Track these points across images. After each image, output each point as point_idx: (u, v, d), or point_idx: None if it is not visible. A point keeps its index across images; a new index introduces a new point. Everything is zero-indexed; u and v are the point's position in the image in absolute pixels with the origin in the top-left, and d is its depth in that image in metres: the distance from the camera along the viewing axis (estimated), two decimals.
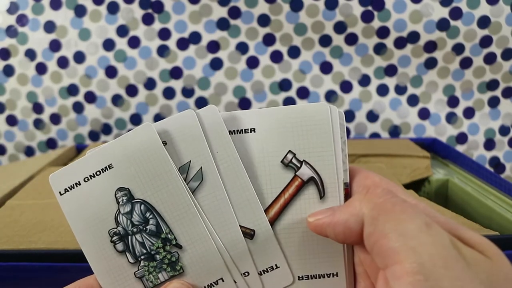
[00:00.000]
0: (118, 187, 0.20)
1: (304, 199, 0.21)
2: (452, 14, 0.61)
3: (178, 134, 0.21)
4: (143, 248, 0.21)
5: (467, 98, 0.65)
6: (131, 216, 0.20)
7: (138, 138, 0.21)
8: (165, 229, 0.20)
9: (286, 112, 0.21)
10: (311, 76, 0.64)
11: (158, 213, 0.20)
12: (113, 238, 0.20)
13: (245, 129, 0.21)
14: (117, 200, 0.20)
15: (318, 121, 0.21)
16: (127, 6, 0.62)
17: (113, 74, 0.63)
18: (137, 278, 0.21)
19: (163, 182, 0.20)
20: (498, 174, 0.50)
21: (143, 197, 0.20)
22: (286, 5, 0.61)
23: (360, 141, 0.57)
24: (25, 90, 0.64)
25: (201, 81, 0.64)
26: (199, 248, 0.20)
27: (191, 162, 0.21)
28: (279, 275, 0.21)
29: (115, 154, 0.21)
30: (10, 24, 0.62)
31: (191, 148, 0.21)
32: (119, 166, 0.20)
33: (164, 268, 0.21)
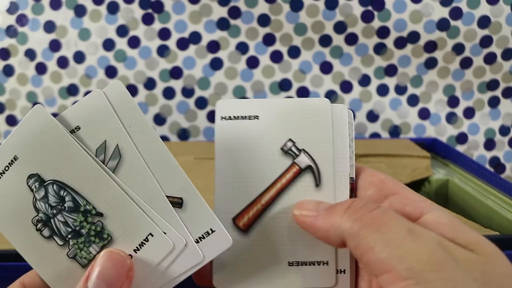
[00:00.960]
0: (28, 175, 0.20)
1: (300, 186, 0.22)
2: (452, 14, 0.61)
3: (89, 117, 0.21)
4: (67, 227, 0.20)
5: (467, 98, 0.65)
6: (47, 200, 0.20)
7: (33, 122, 0.21)
8: (82, 201, 0.20)
9: (289, 103, 0.22)
10: (311, 76, 0.64)
11: (71, 188, 0.20)
12: (38, 226, 0.20)
13: (249, 116, 0.22)
14: (30, 188, 0.20)
15: (319, 115, 0.22)
16: (127, 6, 0.62)
17: (113, 74, 0.63)
18: (71, 258, 0.20)
19: (67, 157, 0.20)
20: (498, 174, 0.50)
21: (53, 177, 0.20)
22: (286, 5, 0.61)
23: (360, 141, 0.57)
24: (25, 90, 0.64)
25: (201, 81, 0.64)
26: (120, 210, 0.20)
27: (107, 141, 0.20)
28: (217, 239, 0.20)
29: (15, 145, 0.21)
30: (10, 24, 0.62)
31: (105, 128, 0.20)
32: (23, 155, 0.20)
33: (93, 241, 0.20)
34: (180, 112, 0.65)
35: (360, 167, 0.23)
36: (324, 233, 0.19)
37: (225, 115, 0.23)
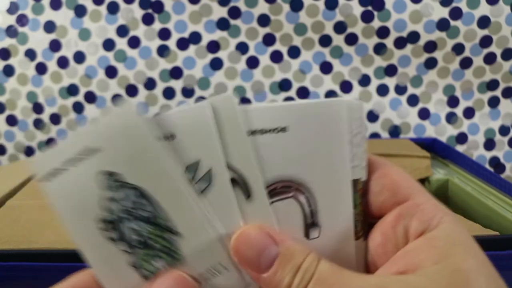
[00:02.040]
0: (108, 171, 0.19)
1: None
2: (452, 14, 0.61)
3: (189, 128, 0.18)
4: (137, 236, 0.19)
5: (467, 98, 0.65)
6: (123, 202, 0.19)
7: (123, 119, 0.18)
8: (162, 215, 0.19)
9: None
10: (311, 76, 0.64)
11: (152, 199, 0.19)
12: (105, 225, 0.19)
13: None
14: (107, 186, 0.19)
15: (226, 120, 0.19)
16: (127, 6, 0.62)
17: (113, 74, 0.63)
18: (132, 267, 0.19)
19: (156, 167, 0.18)
20: (498, 174, 0.50)
21: (136, 182, 0.19)
22: (286, 5, 0.61)
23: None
24: (25, 90, 0.64)
25: (201, 81, 0.64)
26: (198, 235, 0.19)
27: (200, 161, 0.19)
28: None
29: (102, 136, 0.18)
30: (10, 24, 0.62)
31: (202, 146, 0.18)
32: (108, 151, 0.18)
33: (161, 256, 0.19)
34: None
35: (375, 163, 0.21)
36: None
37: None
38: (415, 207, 0.19)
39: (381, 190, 0.20)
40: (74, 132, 0.19)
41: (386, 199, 0.20)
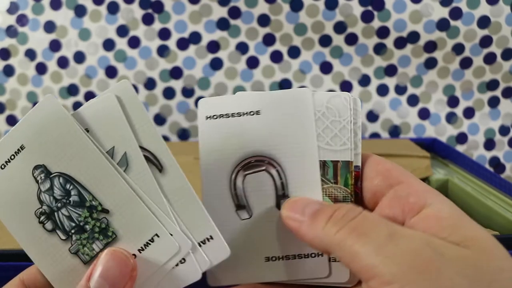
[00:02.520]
0: (34, 165, 0.20)
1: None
2: (452, 14, 0.61)
3: (99, 120, 0.20)
4: (71, 222, 0.20)
5: (467, 98, 0.65)
6: (52, 192, 0.20)
7: (43, 112, 0.20)
8: (88, 196, 0.20)
9: None
10: (311, 76, 0.64)
11: (78, 182, 0.20)
12: (41, 218, 0.20)
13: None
14: (35, 179, 0.20)
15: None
16: (127, 6, 0.62)
17: (113, 74, 0.63)
18: (73, 254, 0.20)
19: (75, 150, 0.20)
20: (498, 174, 0.50)
21: (60, 170, 0.20)
22: (286, 5, 0.61)
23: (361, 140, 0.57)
24: (25, 90, 0.64)
25: (201, 81, 0.64)
26: (127, 208, 0.20)
27: (115, 147, 0.20)
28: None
29: (23, 133, 0.20)
30: (10, 24, 0.62)
31: (114, 133, 0.20)
32: (30, 145, 0.20)
33: (97, 237, 0.20)
34: (180, 112, 0.65)
35: (366, 154, 0.23)
36: (309, 242, 0.19)
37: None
38: (409, 187, 0.20)
39: (375, 175, 0.21)
40: (3, 137, 0.20)
41: (379, 183, 0.21)
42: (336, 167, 0.22)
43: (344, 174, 0.22)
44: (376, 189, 0.21)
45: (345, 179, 0.22)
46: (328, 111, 0.23)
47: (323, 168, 0.22)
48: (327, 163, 0.22)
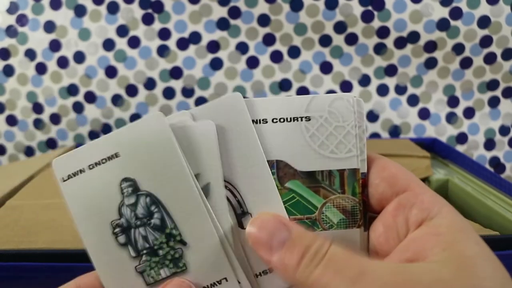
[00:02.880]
0: (124, 177, 0.20)
1: None
2: (452, 14, 0.61)
3: (195, 142, 0.20)
4: (146, 242, 0.20)
5: (467, 98, 0.65)
6: (135, 208, 0.20)
7: (148, 128, 0.20)
8: (170, 224, 0.20)
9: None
10: (311, 76, 0.64)
11: (164, 207, 0.20)
12: (116, 229, 0.20)
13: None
14: (122, 191, 0.20)
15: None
16: (127, 6, 0.62)
17: (113, 74, 0.63)
18: (137, 273, 0.20)
19: (172, 176, 0.19)
20: (498, 174, 0.50)
21: (149, 190, 0.20)
22: (286, 5, 0.61)
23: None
24: (25, 90, 0.64)
25: (201, 81, 0.64)
26: (205, 246, 0.20)
27: (200, 174, 0.20)
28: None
29: (122, 142, 0.20)
30: (10, 24, 0.62)
31: (204, 160, 0.20)
32: (126, 156, 0.20)
33: (167, 264, 0.20)
34: None
35: (372, 157, 0.22)
36: (281, 278, 0.19)
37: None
38: (414, 197, 0.20)
39: (380, 182, 0.21)
40: (100, 138, 0.20)
41: (385, 190, 0.20)
42: (343, 176, 0.21)
43: (351, 183, 0.21)
44: (381, 196, 0.21)
45: (353, 188, 0.21)
46: (331, 115, 0.21)
47: (329, 178, 0.21)
48: (333, 172, 0.21)
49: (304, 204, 0.21)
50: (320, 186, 0.21)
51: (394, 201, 0.20)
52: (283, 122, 0.21)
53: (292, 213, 0.21)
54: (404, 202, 0.20)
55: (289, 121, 0.21)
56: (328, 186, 0.21)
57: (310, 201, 0.21)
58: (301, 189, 0.21)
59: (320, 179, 0.21)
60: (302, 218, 0.21)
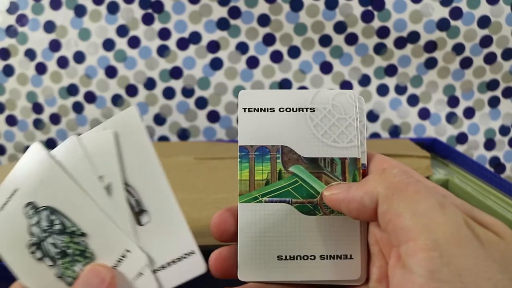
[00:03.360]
0: (26, 203, 0.23)
1: None
2: (452, 14, 0.61)
3: (97, 149, 0.23)
4: (55, 248, 0.22)
5: (467, 98, 0.65)
6: (40, 224, 0.22)
7: (31, 158, 0.23)
8: (68, 223, 0.22)
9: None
10: (311, 76, 0.64)
11: (60, 212, 0.22)
12: (31, 249, 0.22)
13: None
14: (27, 215, 0.23)
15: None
16: (127, 6, 0.62)
17: (113, 74, 0.63)
18: (58, 278, 0.22)
19: (58, 185, 0.23)
20: (498, 174, 0.50)
21: (46, 204, 0.23)
22: (286, 5, 0.61)
23: None
24: (25, 90, 0.64)
25: (201, 81, 0.64)
26: (100, 230, 0.22)
27: (104, 176, 0.23)
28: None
29: (16, 178, 0.23)
30: (10, 24, 0.62)
31: (105, 165, 0.23)
32: (22, 187, 0.23)
33: (78, 260, 0.22)
34: (180, 112, 0.65)
35: (372, 153, 0.23)
36: (358, 201, 0.19)
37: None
38: None
39: (380, 171, 0.21)
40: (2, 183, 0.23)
41: None
42: (344, 164, 0.22)
43: (352, 171, 0.22)
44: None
45: (353, 176, 0.22)
46: (334, 108, 0.23)
47: (331, 166, 0.22)
48: (335, 160, 0.22)
49: (306, 189, 0.22)
50: (322, 172, 0.22)
51: None
52: (289, 111, 0.23)
53: (294, 196, 0.22)
54: None
55: (294, 111, 0.23)
56: (330, 173, 0.22)
57: (313, 186, 0.22)
58: (304, 174, 0.22)
59: (323, 165, 0.22)
60: (304, 202, 0.22)
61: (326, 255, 0.22)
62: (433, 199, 0.17)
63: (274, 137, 0.23)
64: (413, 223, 0.16)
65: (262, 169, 0.23)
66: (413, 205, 0.17)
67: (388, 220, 0.18)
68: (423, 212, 0.17)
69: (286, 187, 0.22)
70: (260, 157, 0.23)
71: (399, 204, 0.17)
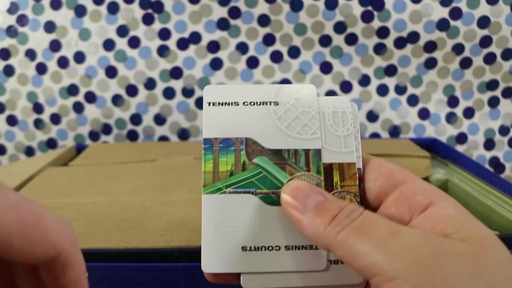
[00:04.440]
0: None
1: None
2: (452, 14, 0.61)
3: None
4: None
5: (467, 98, 0.65)
6: None
7: None
8: None
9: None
10: (311, 76, 0.64)
11: None
12: None
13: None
14: None
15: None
16: (127, 6, 0.62)
17: (113, 74, 0.63)
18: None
19: None
20: (498, 174, 0.50)
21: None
22: (286, 5, 0.61)
23: (360, 141, 0.57)
24: (25, 90, 0.64)
25: (201, 81, 0.64)
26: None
27: None
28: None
29: None
30: (10, 24, 0.62)
31: None
32: None
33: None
34: (180, 112, 0.65)
35: (367, 157, 0.23)
36: (308, 237, 0.19)
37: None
38: (414, 186, 0.20)
39: (378, 176, 0.22)
40: None
41: (383, 183, 0.21)
42: (308, 155, 0.23)
43: (316, 162, 0.22)
44: (379, 190, 0.21)
45: (317, 167, 0.22)
46: (297, 102, 0.23)
47: (295, 157, 0.23)
48: (298, 151, 0.23)
49: (270, 180, 0.22)
50: (286, 164, 0.23)
51: (395, 192, 0.21)
52: (253, 105, 0.23)
53: (258, 187, 0.22)
54: (406, 191, 0.20)
55: (258, 105, 0.23)
56: (294, 164, 0.22)
57: (277, 177, 0.22)
58: (268, 165, 0.23)
59: (287, 156, 0.23)
60: (268, 193, 0.22)
61: (291, 246, 0.22)
62: (384, 231, 0.17)
63: (238, 129, 0.23)
64: (371, 260, 0.17)
65: (226, 160, 0.23)
66: (365, 243, 0.17)
67: (348, 262, 0.18)
68: (377, 246, 0.17)
69: (250, 178, 0.22)
70: (224, 149, 0.23)
71: (352, 248, 0.17)
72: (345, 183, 0.22)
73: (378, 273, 0.16)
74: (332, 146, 0.23)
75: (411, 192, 0.20)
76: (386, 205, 0.21)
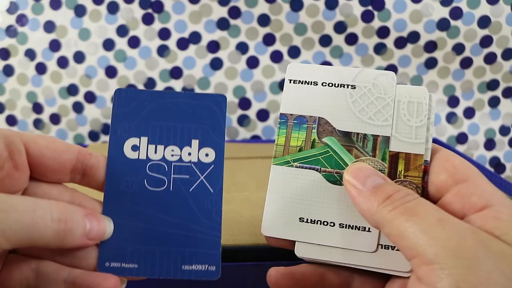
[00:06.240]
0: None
1: None
2: (452, 14, 0.61)
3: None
4: None
5: (467, 98, 0.65)
6: None
7: None
8: None
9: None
10: None
11: None
12: None
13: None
14: None
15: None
16: (127, 6, 0.62)
17: (113, 74, 0.63)
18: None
19: None
20: (499, 174, 0.50)
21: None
22: (286, 5, 0.61)
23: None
24: (25, 90, 0.64)
25: (201, 81, 0.64)
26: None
27: None
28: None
29: None
30: (10, 24, 0.62)
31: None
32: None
33: None
34: None
35: (436, 148, 0.23)
36: (361, 212, 0.20)
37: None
38: (474, 186, 0.20)
39: (442, 171, 0.22)
40: None
41: (445, 178, 0.21)
42: (376, 141, 0.23)
43: (382, 149, 0.23)
44: (441, 184, 0.21)
45: (383, 154, 0.23)
46: (374, 87, 0.25)
47: (363, 141, 0.23)
48: (367, 136, 0.23)
49: (336, 160, 0.23)
50: (354, 146, 0.23)
51: (453, 190, 0.21)
52: (331, 86, 0.24)
53: (323, 165, 0.23)
54: (464, 190, 0.20)
55: (336, 87, 0.24)
56: (361, 148, 0.23)
57: (342, 158, 0.23)
58: (336, 146, 0.24)
59: (355, 140, 0.23)
60: (332, 172, 0.23)
61: (345, 225, 0.22)
62: (432, 217, 0.18)
63: (313, 108, 0.24)
64: (414, 241, 0.17)
65: (298, 136, 0.24)
66: (412, 225, 0.18)
67: (393, 241, 0.19)
68: (422, 230, 0.17)
69: (317, 156, 0.23)
70: (298, 125, 0.24)
71: (399, 227, 0.18)
72: (409, 173, 0.22)
73: (418, 255, 0.17)
74: (402, 135, 0.23)
75: (468, 192, 0.20)
76: (443, 201, 0.21)
